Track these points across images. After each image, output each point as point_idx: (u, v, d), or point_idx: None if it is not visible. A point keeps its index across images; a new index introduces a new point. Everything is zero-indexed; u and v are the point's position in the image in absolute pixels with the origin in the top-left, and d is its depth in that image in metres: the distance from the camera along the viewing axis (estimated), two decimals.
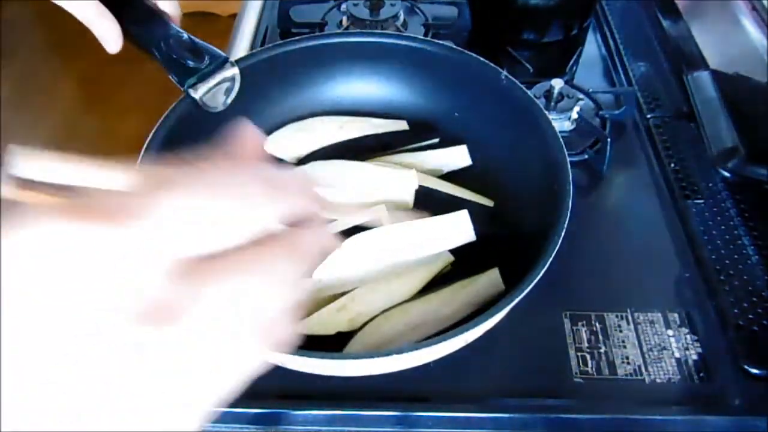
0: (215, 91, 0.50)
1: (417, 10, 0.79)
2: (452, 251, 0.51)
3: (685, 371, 0.47)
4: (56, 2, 0.44)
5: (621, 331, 0.49)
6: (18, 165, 0.17)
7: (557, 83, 0.62)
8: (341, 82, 0.61)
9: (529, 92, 0.53)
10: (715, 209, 0.57)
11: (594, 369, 0.47)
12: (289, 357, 0.38)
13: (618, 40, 0.76)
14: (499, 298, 0.43)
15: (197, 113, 0.50)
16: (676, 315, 0.50)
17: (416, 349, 0.38)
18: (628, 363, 0.47)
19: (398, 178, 0.53)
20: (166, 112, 0.50)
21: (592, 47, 0.77)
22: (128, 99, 1.80)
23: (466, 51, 0.56)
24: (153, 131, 0.49)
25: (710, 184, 0.59)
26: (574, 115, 0.63)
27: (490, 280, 0.48)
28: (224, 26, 0.81)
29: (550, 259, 0.41)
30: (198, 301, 0.18)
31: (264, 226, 0.20)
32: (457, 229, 0.50)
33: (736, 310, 0.50)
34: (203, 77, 0.49)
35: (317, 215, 0.23)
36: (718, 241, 0.55)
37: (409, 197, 0.53)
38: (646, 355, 0.47)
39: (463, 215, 0.51)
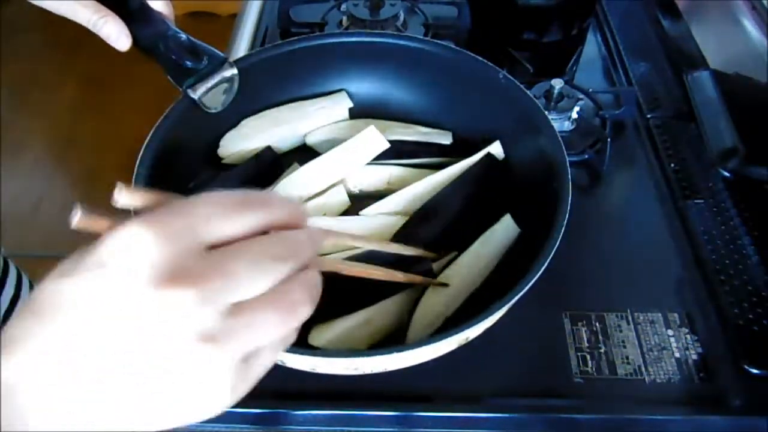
0: (214, 91, 0.50)
1: (417, 10, 0.79)
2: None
3: (685, 371, 0.47)
4: (59, 13, 0.44)
5: (621, 331, 0.49)
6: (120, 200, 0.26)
7: (557, 83, 0.62)
8: (341, 81, 0.61)
9: (528, 92, 0.52)
10: (715, 209, 0.57)
11: (594, 369, 0.47)
12: (288, 355, 0.38)
13: (618, 40, 0.76)
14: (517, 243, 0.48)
15: (196, 114, 0.50)
16: (676, 315, 0.50)
17: (416, 347, 0.38)
18: (628, 363, 0.47)
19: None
20: (165, 112, 0.50)
21: (592, 47, 0.77)
22: (128, 99, 1.80)
23: (465, 51, 0.56)
24: (152, 132, 0.49)
25: (710, 184, 0.59)
26: (574, 115, 0.63)
27: (504, 227, 0.50)
28: (224, 26, 0.81)
29: (549, 258, 0.41)
30: (212, 266, 0.24)
31: (260, 223, 0.26)
32: (370, 143, 0.55)
33: (736, 310, 0.50)
34: (202, 78, 0.49)
35: (302, 223, 0.29)
36: (718, 241, 0.55)
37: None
38: (646, 355, 0.47)
39: (371, 130, 0.55)
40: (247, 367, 0.25)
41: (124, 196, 0.26)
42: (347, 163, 0.55)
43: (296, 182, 0.54)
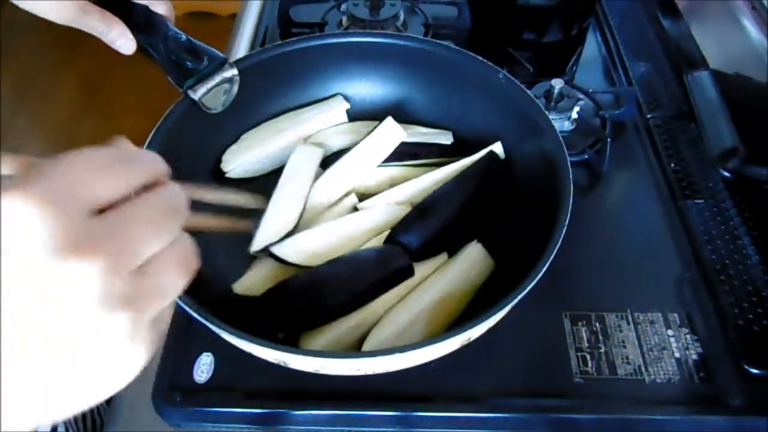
0: (214, 92, 0.50)
1: (417, 10, 0.79)
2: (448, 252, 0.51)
3: (685, 371, 0.47)
4: (64, 23, 0.44)
5: (621, 331, 0.49)
6: None
7: (557, 83, 0.62)
8: (341, 82, 0.61)
9: (529, 92, 0.53)
10: (715, 209, 0.57)
11: (594, 369, 0.47)
12: (293, 356, 0.38)
13: (618, 40, 0.76)
14: (490, 272, 0.48)
15: (196, 114, 0.50)
16: (676, 315, 0.50)
17: (417, 347, 0.37)
18: (628, 363, 0.47)
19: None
20: (165, 112, 0.50)
21: (592, 47, 0.77)
22: (128, 99, 1.81)
23: (465, 51, 0.56)
24: (152, 132, 0.49)
25: (710, 184, 0.59)
26: (574, 115, 0.63)
27: (473, 253, 0.50)
28: (224, 26, 0.81)
29: (551, 258, 0.41)
30: (112, 232, 0.23)
31: (138, 180, 0.26)
32: (389, 135, 0.55)
33: (736, 310, 0.50)
34: (202, 78, 0.49)
35: (166, 177, 0.28)
36: (718, 241, 0.55)
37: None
38: (646, 355, 0.47)
39: (389, 121, 0.55)
40: (155, 329, 0.25)
41: None
42: (370, 160, 0.55)
43: (321, 189, 0.54)
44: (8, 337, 0.21)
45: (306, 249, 0.50)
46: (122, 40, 0.47)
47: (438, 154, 0.57)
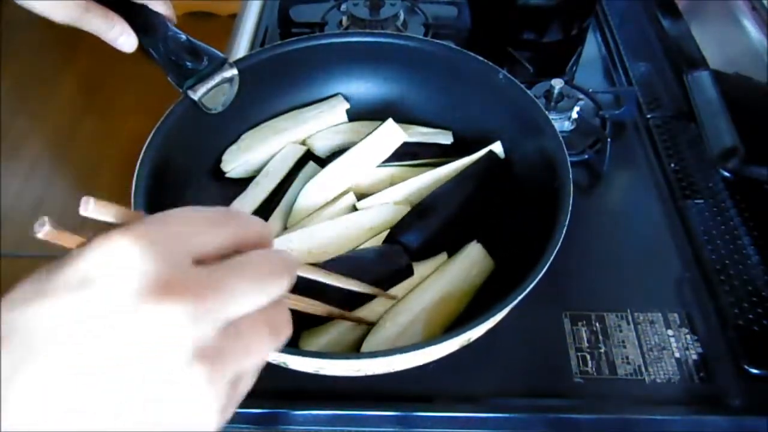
0: (214, 92, 0.50)
1: (417, 10, 0.79)
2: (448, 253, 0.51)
3: (685, 371, 0.47)
4: (67, 23, 0.44)
5: (621, 331, 0.49)
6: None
7: (557, 83, 0.62)
8: (341, 82, 0.61)
9: (529, 92, 0.53)
10: (715, 209, 0.57)
11: (594, 369, 0.47)
12: (293, 357, 0.38)
13: (618, 40, 0.76)
14: (490, 273, 0.48)
15: (196, 114, 0.50)
16: (676, 315, 0.50)
17: (417, 348, 0.38)
18: (628, 363, 0.47)
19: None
20: (165, 112, 0.50)
21: (592, 47, 0.77)
22: (128, 99, 1.80)
23: (465, 51, 0.56)
24: (152, 132, 0.49)
25: (710, 184, 0.59)
26: (574, 115, 0.63)
27: (473, 253, 0.50)
28: (224, 26, 0.81)
29: (551, 258, 0.41)
30: (211, 279, 0.22)
31: (237, 239, 0.25)
32: (390, 137, 0.55)
33: (736, 310, 0.50)
34: (202, 78, 0.49)
35: (270, 243, 0.27)
36: (718, 241, 0.55)
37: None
38: (646, 355, 0.47)
39: (389, 123, 0.55)
40: (234, 389, 0.23)
41: (91, 209, 0.23)
42: (368, 161, 0.55)
43: (315, 188, 0.54)
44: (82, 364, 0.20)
45: (299, 247, 0.50)
46: (123, 38, 0.46)
47: (438, 154, 0.57)
